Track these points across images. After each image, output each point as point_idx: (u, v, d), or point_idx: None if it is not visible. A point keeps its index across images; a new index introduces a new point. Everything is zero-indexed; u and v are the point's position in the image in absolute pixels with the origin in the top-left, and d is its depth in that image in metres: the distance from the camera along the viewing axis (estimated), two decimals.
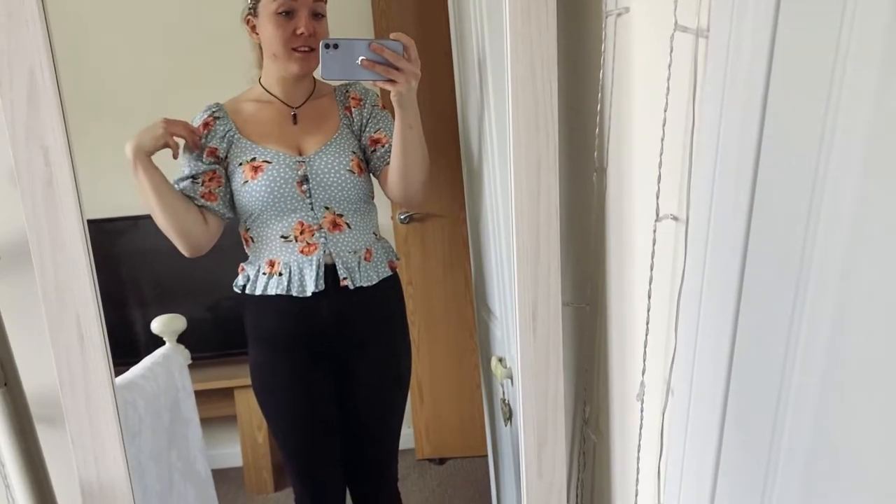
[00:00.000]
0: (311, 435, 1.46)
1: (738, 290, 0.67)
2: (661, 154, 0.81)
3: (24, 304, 1.05)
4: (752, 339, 0.66)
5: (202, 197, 1.33)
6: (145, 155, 1.24)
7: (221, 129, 1.34)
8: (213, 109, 1.35)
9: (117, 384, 1.01)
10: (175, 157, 1.30)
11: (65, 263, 0.93)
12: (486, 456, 1.79)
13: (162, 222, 1.29)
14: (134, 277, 1.67)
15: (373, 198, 1.42)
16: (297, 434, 1.46)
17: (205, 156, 1.33)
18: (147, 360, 1.39)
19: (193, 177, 1.33)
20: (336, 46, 1.12)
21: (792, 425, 0.60)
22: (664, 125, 0.81)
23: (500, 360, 1.42)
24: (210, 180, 1.33)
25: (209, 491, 1.56)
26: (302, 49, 1.30)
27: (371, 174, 1.41)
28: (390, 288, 1.46)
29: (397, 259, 1.47)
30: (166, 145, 1.27)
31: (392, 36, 1.15)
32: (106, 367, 0.96)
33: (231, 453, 1.86)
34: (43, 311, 0.93)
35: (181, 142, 1.33)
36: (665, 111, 0.80)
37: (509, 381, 1.36)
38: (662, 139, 0.81)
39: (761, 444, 0.65)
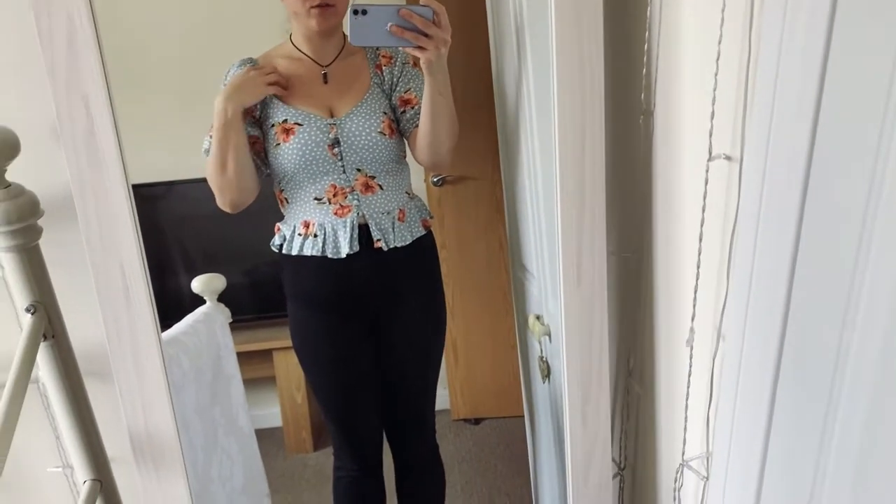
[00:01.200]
0: (348, 389, 1.47)
1: (797, 230, 0.64)
2: (714, 90, 0.78)
3: (71, 261, 1.06)
4: (812, 282, 0.63)
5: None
6: (241, 114, 1.25)
7: None
8: (248, 65, 1.33)
9: None
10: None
11: (107, 213, 0.93)
12: (521, 416, 1.79)
13: (225, 180, 1.28)
14: (172, 242, 1.68)
15: (404, 157, 1.41)
16: (335, 389, 1.47)
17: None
18: (189, 318, 1.40)
19: None
20: (365, 12, 1.10)
21: (853, 371, 0.58)
22: (718, 59, 0.77)
23: (538, 317, 1.41)
24: (254, 144, 1.33)
25: (252, 446, 1.58)
26: (319, 5, 1.27)
27: (401, 135, 1.39)
28: (425, 247, 1.45)
29: (430, 217, 1.46)
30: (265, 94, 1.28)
31: (422, 2, 1.13)
32: (151, 316, 0.96)
33: (271, 413, 1.88)
34: (88, 261, 0.94)
35: None
36: (719, 44, 0.76)
37: (547, 338, 1.35)
38: (716, 74, 0.78)
39: (820, 391, 0.62)
